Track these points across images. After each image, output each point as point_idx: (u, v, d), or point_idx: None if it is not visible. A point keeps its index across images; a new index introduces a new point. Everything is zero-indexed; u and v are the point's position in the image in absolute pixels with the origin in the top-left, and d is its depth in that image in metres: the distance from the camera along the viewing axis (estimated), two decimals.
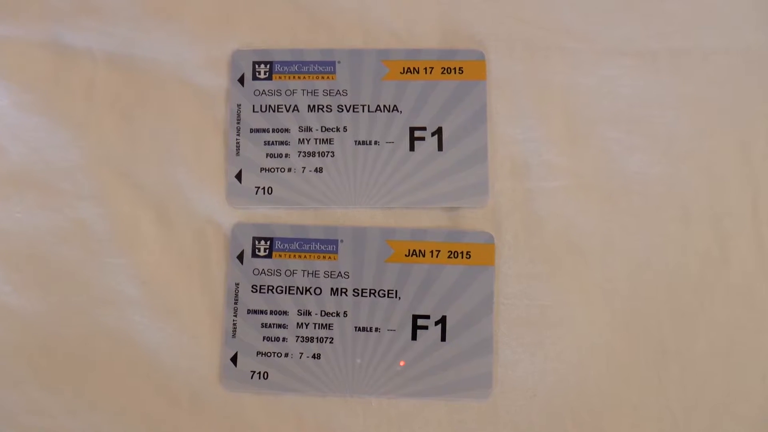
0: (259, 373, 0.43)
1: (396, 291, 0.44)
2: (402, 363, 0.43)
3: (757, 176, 0.45)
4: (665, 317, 0.44)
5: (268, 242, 0.44)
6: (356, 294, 0.44)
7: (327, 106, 0.45)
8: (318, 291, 0.44)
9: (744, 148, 0.45)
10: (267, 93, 0.45)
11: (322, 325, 0.44)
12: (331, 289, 0.44)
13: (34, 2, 0.46)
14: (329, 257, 0.44)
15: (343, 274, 0.44)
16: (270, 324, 0.44)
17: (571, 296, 0.44)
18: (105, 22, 0.46)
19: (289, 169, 0.45)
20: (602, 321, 0.44)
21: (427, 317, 0.43)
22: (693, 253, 0.44)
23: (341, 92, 0.45)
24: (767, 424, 0.43)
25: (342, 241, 0.44)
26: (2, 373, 0.44)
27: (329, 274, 0.44)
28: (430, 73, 0.45)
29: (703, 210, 0.45)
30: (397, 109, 0.45)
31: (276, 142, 0.45)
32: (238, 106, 0.45)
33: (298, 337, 0.43)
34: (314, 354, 0.43)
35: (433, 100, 0.45)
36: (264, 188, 0.45)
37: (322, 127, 0.45)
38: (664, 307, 0.44)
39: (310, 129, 0.45)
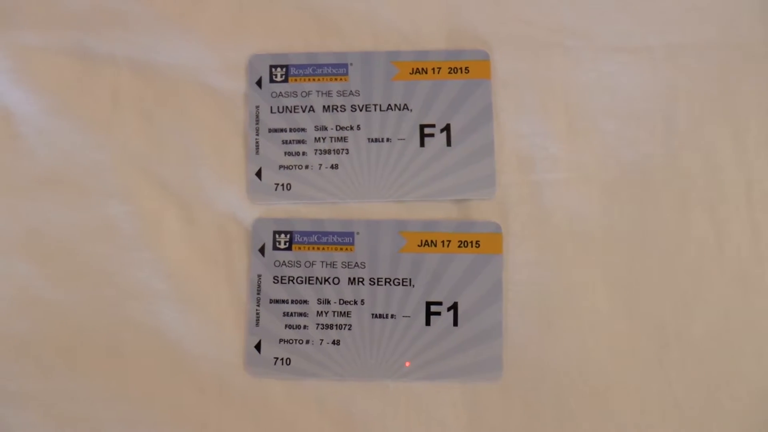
0: (282, 359, 0.44)
1: (410, 279, 0.45)
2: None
3: (750, 165, 0.46)
4: (664, 301, 0.45)
5: (288, 235, 0.45)
6: (372, 283, 0.45)
7: (341, 106, 0.46)
8: (336, 281, 0.45)
9: (738, 139, 0.46)
10: (284, 95, 0.46)
11: (340, 312, 0.45)
12: (349, 278, 0.45)
13: (60, 13, 0.47)
14: (346, 249, 0.45)
15: (359, 265, 0.45)
16: (291, 313, 0.45)
17: (576, 282, 0.45)
18: (127, 31, 0.47)
19: (307, 166, 0.46)
20: (605, 305, 0.45)
21: (440, 304, 0.44)
22: (690, 239, 0.45)
23: (354, 93, 0.46)
24: (763, 402, 0.44)
25: (358, 233, 0.45)
26: (37, 363, 0.44)
27: (346, 264, 0.45)
28: (438, 73, 0.46)
29: (699, 198, 0.45)
30: (407, 108, 0.46)
31: (293, 141, 0.46)
32: (257, 107, 0.46)
33: (318, 324, 0.44)
34: (334, 340, 0.44)
35: (441, 98, 0.46)
36: (283, 185, 0.46)
37: (336, 126, 0.46)
38: (664, 291, 0.45)
39: (325, 128, 0.46)
